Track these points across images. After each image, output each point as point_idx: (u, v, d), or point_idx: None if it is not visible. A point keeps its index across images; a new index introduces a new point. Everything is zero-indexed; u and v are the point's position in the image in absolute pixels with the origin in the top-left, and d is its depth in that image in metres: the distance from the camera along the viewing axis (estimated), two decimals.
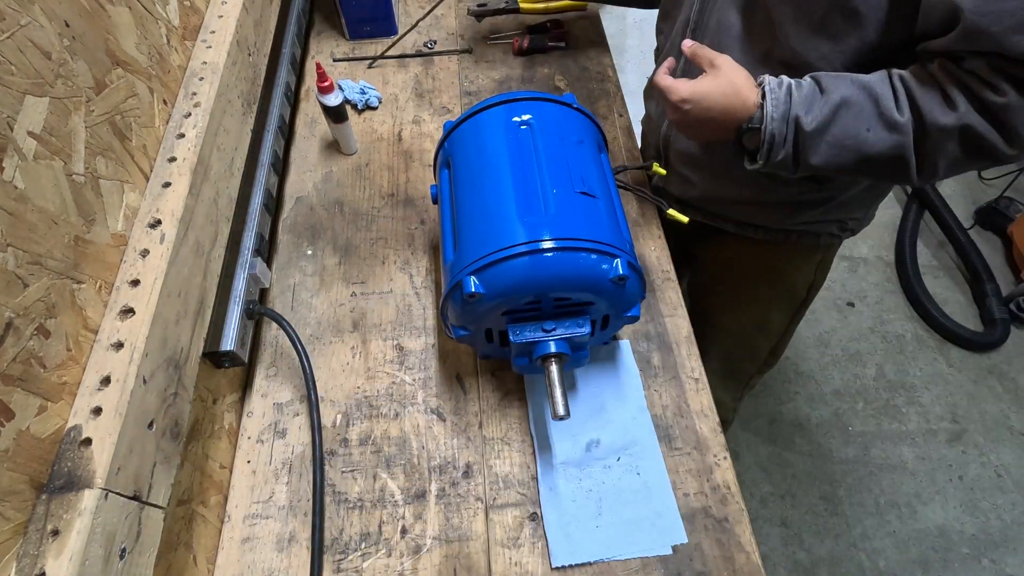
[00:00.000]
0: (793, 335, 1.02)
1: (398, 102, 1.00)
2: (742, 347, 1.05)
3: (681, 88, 0.64)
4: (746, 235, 0.86)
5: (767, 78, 0.62)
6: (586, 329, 0.60)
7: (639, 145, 0.96)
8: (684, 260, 0.95)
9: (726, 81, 0.62)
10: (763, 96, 0.61)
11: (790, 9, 0.62)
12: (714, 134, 0.66)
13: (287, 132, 0.93)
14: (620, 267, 0.57)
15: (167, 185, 0.57)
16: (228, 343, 0.63)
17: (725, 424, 1.31)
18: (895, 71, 0.59)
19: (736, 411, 1.28)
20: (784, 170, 0.63)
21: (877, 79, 0.59)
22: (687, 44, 0.66)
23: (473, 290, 0.56)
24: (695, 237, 0.90)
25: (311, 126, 0.97)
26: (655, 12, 0.88)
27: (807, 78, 0.62)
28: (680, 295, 0.79)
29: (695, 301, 1.01)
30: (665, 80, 0.66)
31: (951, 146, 0.56)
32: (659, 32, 0.87)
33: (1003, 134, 0.54)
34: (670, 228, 0.84)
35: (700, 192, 0.84)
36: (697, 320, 0.78)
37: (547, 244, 0.55)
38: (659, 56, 0.88)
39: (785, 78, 0.62)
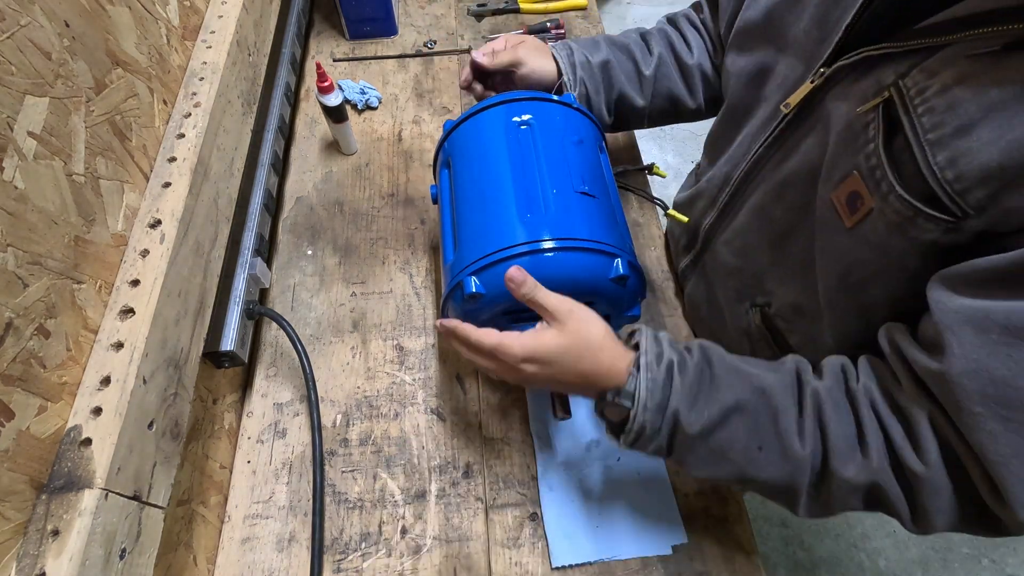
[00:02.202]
0: None
1: (398, 102, 1.00)
2: None
3: (515, 345, 0.48)
4: None
5: (643, 339, 0.49)
6: None
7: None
8: None
9: (578, 339, 0.48)
10: (636, 367, 0.47)
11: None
12: (569, 391, 0.53)
13: (287, 132, 0.93)
14: (620, 266, 0.57)
15: (167, 185, 0.57)
16: (228, 343, 0.63)
17: None
18: (811, 381, 0.47)
19: None
20: (655, 456, 0.51)
21: (782, 386, 0.47)
22: (517, 280, 0.50)
23: (474, 290, 0.56)
24: None
25: (311, 126, 0.97)
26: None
27: (696, 350, 0.49)
28: (680, 297, 0.79)
29: None
30: (490, 337, 0.49)
31: (853, 500, 0.45)
32: (706, 155, 0.75)
33: (912, 508, 0.43)
34: None
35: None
36: None
37: (547, 244, 0.55)
38: (697, 177, 0.76)
39: (666, 346, 0.49)
